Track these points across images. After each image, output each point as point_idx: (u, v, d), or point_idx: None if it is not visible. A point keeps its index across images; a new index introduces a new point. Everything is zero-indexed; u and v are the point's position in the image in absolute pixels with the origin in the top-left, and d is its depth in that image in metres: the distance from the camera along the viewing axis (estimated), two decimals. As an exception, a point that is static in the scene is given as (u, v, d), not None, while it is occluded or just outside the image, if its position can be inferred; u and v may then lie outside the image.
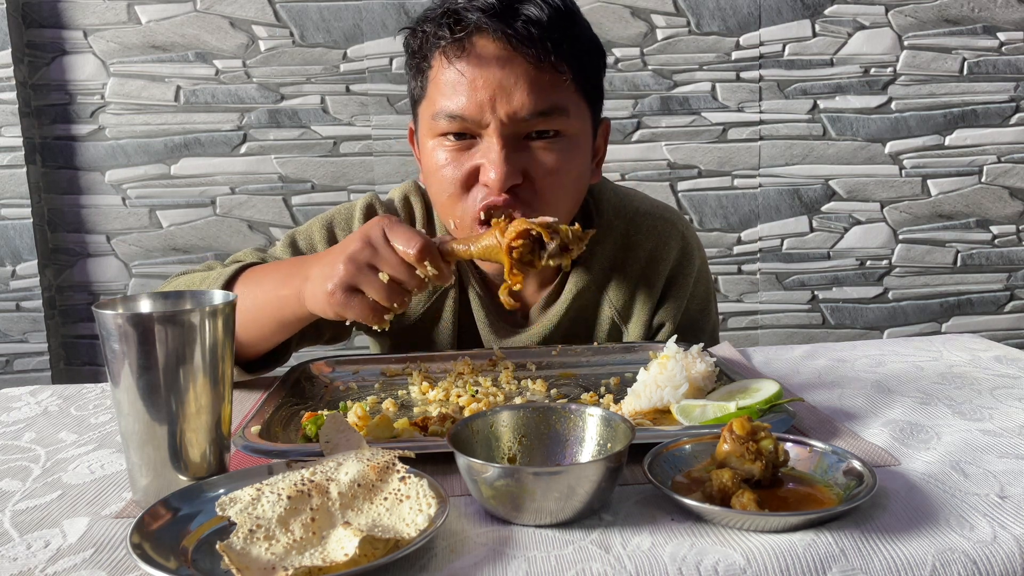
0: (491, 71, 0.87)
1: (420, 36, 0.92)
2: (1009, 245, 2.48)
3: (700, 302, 1.12)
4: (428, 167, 0.95)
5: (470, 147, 0.91)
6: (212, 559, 0.51)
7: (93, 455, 0.74)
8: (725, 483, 0.56)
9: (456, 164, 0.91)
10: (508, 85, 0.87)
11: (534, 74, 0.87)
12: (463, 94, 0.88)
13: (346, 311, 0.75)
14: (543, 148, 0.91)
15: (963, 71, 2.38)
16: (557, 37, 0.87)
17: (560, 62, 0.88)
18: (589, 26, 0.95)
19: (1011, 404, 0.80)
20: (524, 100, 0.87)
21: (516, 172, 0.89)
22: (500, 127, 0.88)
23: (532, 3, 0.87)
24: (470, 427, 0.63)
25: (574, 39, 0.90)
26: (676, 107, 2.34)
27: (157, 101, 2.26)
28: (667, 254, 1.08)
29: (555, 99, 0.89)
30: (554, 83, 0.88)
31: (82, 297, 2.34)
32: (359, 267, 0.74)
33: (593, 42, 0.95)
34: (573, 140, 0.93)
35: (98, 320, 0.59)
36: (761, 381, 0.79)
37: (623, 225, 1.08)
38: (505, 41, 0.86)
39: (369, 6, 2.25)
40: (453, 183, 0.92)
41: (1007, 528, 0.53)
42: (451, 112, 0.88)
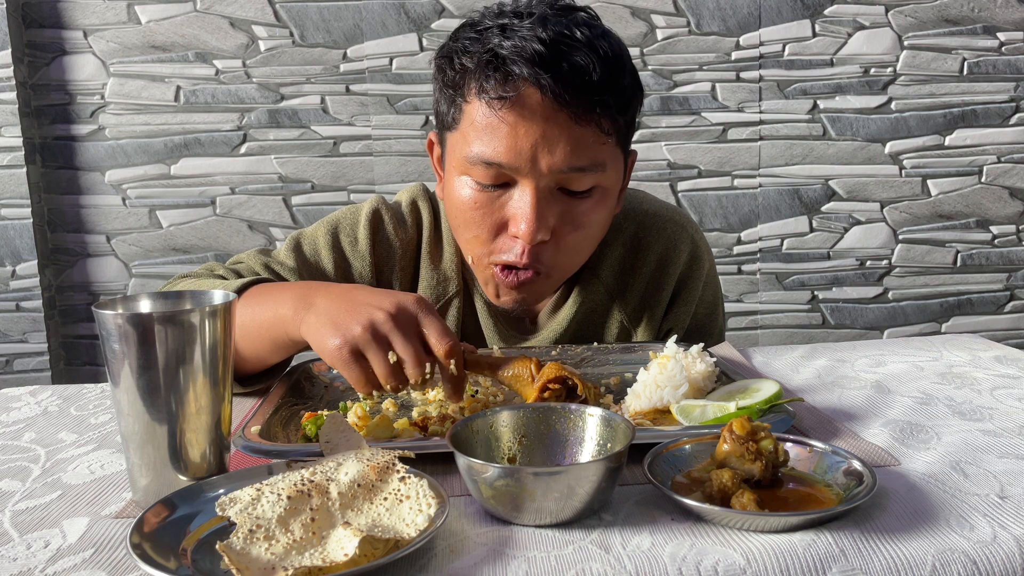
0: (534, 123, 0.83)
1: (458, 69, 0.87)
2: (1009, 245, 2.48)
3: (708, 307, 1.11)
4: (454, 200, 0.92)
5: (500, 194, 0.88)
6: (212, 559, 0.51)
7: (93, 455, 0.74)
8: (725, 483, 0.56)
9: (486, 210, 0.88)
10: (550, 139, 0.83)
11: (577, 130, 0.84)
12: (501, 143, 0.84)
13: (345, 369, 0.72)
14: (575, 204, 0.89)
15: (963, 71, 2.38)
16: (602, 93, 0.83)
17: (604, 119, 0.85)
18: (633, 67, 0.91)
19: (1011, 404, 0.80)
20: (564, 155, 0.84)
21: (547, 227, 0.87)
22: (536, 179, 0.85)
23: (579, 52, 0.82)
24: (470, 427, 0.63)
25: (619, 91, 0.86)
26: (676, 107, 2.34)
27: (157, 101, 2.26)
28: (677, 258, 1.07)
29: (595, 155, 0.86)
30: (596, 139, 0.85)
31: (82, 297, 2.34)
32: (375, 337, 0.71)
33: (636, 88, 0.91)
34: (606, 193, 0.91)
35: (98, 320, 0.59)
36: (761, 381, 0.79)
37: (633, 228, 1.07)
38: (550, 95, 0.82)
39: (369, 6, 2.25)
40: (479, 227, 0.90)
41: (1007, 528, 0.53)
42: (488, 159, 0.85)
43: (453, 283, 1.05)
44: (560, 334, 1.05)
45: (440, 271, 1.05)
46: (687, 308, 1.08)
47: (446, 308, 1.06)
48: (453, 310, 1.06)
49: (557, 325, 1.05)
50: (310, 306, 0.77)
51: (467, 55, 0.86)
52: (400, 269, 1.06)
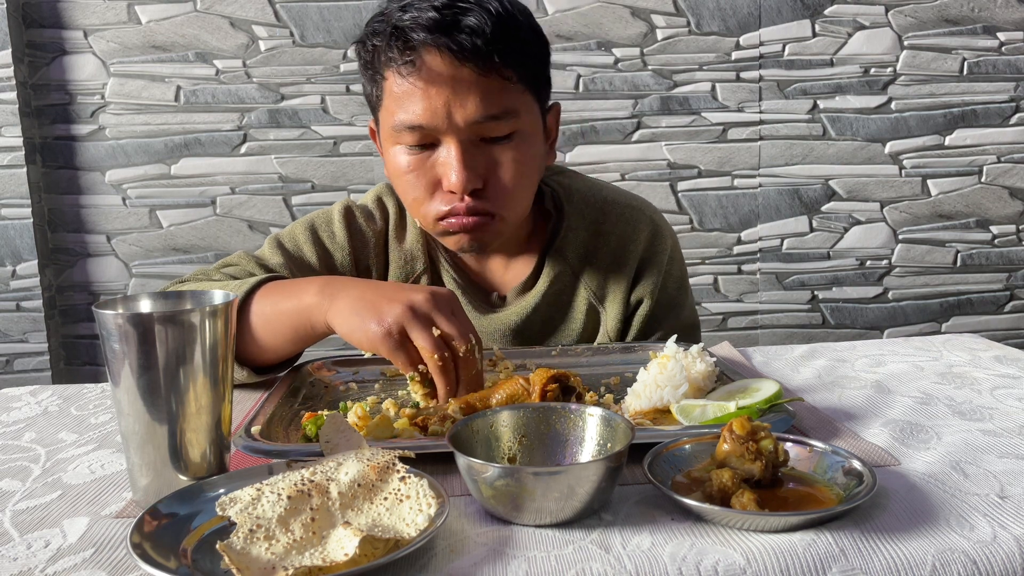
0: (441, 83, 0.90)
1: (371, 50, 0.95)
2: (1009, 245, 2.48)
3: (676, 281, 1.15)
4: (393, 170, 0.99)
5: (431, 154, 0.95)
6: (212, 559, 0.51)
7: (93, 455, 0.74)
8: (725, 483, 0.56)
9: (419, 171, 0.96)
10: (459, 94, 0.90)
11: (482, 82, 0.91)
12: (418, 106, 0.91)
13: (389, 349, 0.77)
14: (499, 150, 0.95)
15: (963, 71, 2.38)
16: (500, 45, 0.90)
17: (506, 68, 0.91)
18: (533, 22, 0.98)
19: (1011, 404, 0.80)
20: (475, 107, 0.91)
21: (476, 176, 0.94)
22: (456, 133, 0.92)
23: (473, 13, 0.89)
24: (470, 427, 0.63)
25: (517, 42, 0.93)
26: (676, 107, 2.34)
27: (157, 101, 2.26)
28: (637, 236, 1.11)
29: (505, 103, 0.92)
30: (502, 88, 0.92)
31: (82, 297, 2.34)
32: (416, 316, 0.77)
33: (537, 38, 0.98)
34: (526, 137, 0.97)
35: (98, 320, 0.59)
36: (761, 381, 0.79)
37: (592, 213, 1.12)
38: (451, 55, 0.89)
39: (369, 6, 2.25)
40: (417, 188, 0.97)
41: (1007, 528, 0.53)
42: (409, 123, 0.92)
43: (420, 261, 1.12)
44: (530, 312, 1.09)
45: (406, 251, 1.12)
46: (655, 280, 1.11)
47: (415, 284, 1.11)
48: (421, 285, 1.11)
49: (526, 304, 1.09)
50: (336, 295, 0.83)
51: (376, 36, 0.94)
52: (375, 257, 1.12)
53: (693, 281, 2.41)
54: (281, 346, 0.91)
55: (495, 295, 1.13)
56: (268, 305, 0.90)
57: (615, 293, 1.11)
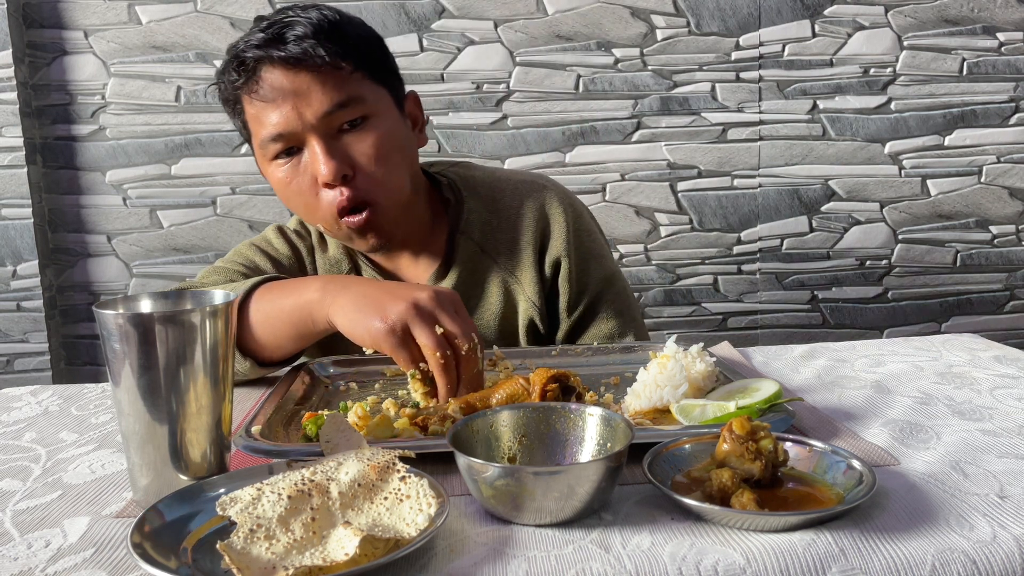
0: (285, 91, 0.96)
1: (224, 87, 1.02)
2: (1009, 245, 2.48)
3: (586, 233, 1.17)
4: (278, 189, 1.04)
5: (299, 158, 1.00)
6: (212, 559, 0.51)
7: (94, 455, 0.74)
8: (725, 483, 0.56)
9: (295, 177, 1.01)
10: (302, 95, 0.96)
11: (320, 78, 0.96)
12: (272, 117, 0.97)
13: (392, 346, 0.78)
14: (357, 135, 1.00)
15: (963, 71, 2.38)
16: (327, 44, 0.96)
17: (337, 60, 0.97)
18: (361, 23, 1.05)
19: (1011, 404, 0.80)
20: (319, 101, 0.97)
21: (343, 163, 0.98)
22: (313, 130, 0.97)
23: (296, 23, 0.97)
24: (470, 427, 0.63)
25: (342, 37, 0.98)
26: (676, 107, 2.34)
27: (158, 101, 2.26)
28: (533, 204, 1.16)
29: (346, 90, 0.98)
30: (341, 78, 0.98)
31: (83, 297, 2.34)
32: (420, 313, 0.78)
33: (367, 34, 1.04)
34: (380, 118, 1.01)
35: (99, 320, 0.59)
36: (760, 381, 0.79)
37: (488, 192, 1.17)
38: (285, 64, 0.96)
39: (369, 6, 2.25)
40: (300, 193, 1.01)
41: (1007, 528, 0.53)
42: (270, 136, 0.98)
43: (344, 263, 1.17)
44: None
45: (329, 257, 1.18)
46: (564, 238, 1.14)
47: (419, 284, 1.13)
48: None
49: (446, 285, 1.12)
50: (339, 291, 0.84)
51: (224, 73, 1.01)
52: (309, 265, 1.18)
53: (693, 281, 2.41)
54: (282, 343, 0.92)
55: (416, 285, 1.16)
56: (268, 303, 0.91)
57: (524, 261, 1.14)
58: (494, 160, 2.28)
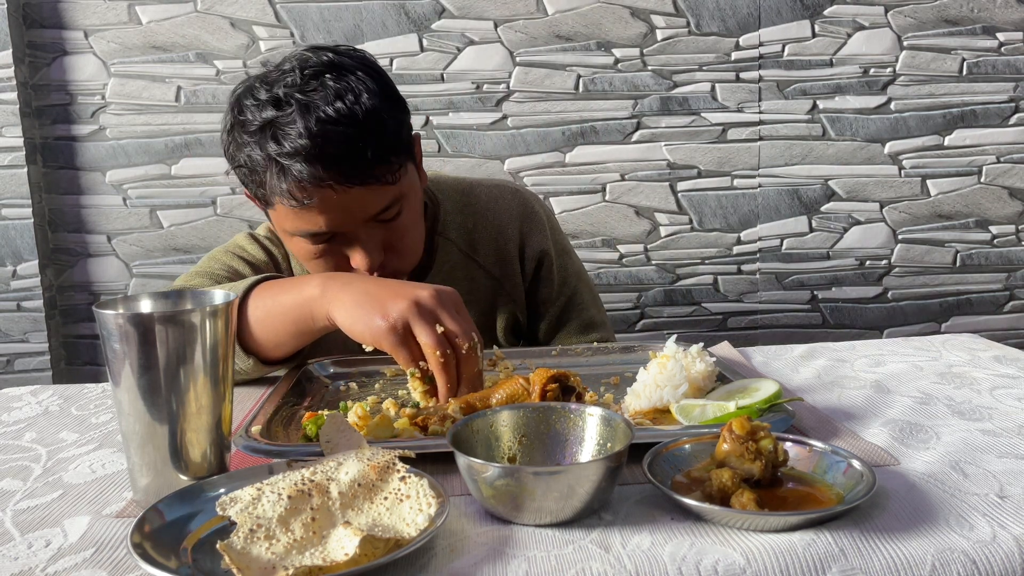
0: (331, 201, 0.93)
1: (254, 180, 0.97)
2: (1008, 245, 2.48)
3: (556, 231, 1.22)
4: (297, 253, 1.03)
5: (332, 241, 0.99)
6: (212, 559, 0.51)
7: (94, 455, 0.74)
8: (725, 483, 0.56)
9: (325, 256, 1.00)
10: (351, 204, 0.94)
11: (367, 191, 0.94)
12: (313, 218, 0.94)
13: (392, 344, 0.78)
14: (393, 225, 1.00)
15: (962, 71, 2.38)
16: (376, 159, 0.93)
17: (386, 173, 0.95)
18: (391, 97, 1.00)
19: (1010, 404, 0.80)
20: (367, 207, 0.96)
21: (379, 254, 0.99)
22: (355, 229, 0.97)
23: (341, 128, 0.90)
24: (470, 427, 0.63)
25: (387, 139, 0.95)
26: (676, 107, 2.34)
27: (158, 101, 2.26)
28: (508, 204, 1.19)
29: (392, 194, 0.97)
30: (387, 185, 0.96)
31: (83, 297, 2.34)
32: (421, 312, 0.77)
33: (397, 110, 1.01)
34: (409, 202, 1.01)
35: (99, 320, 0.59)
36: (760, 381, 0.79)
37: (461, 198, 1.19)
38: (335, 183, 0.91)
39: (369, 6, 2.25)
40: (326, 268, 1.00)
41: (1007, 528, 0.54)
42: (309, 231, 0.96)
43: None
44: None
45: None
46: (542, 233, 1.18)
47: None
48: None
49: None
50: (340, 288, 0.84)
51: (252, 161, 0.95)
52: (286, 271, 1.18)
53: (693, 281, 2.41)
54: (282, 341, 0.91)
55: None
56: (268, 300, 0.90)
57: (505, 259, 1.16)
58: (494, 160, 2.28)
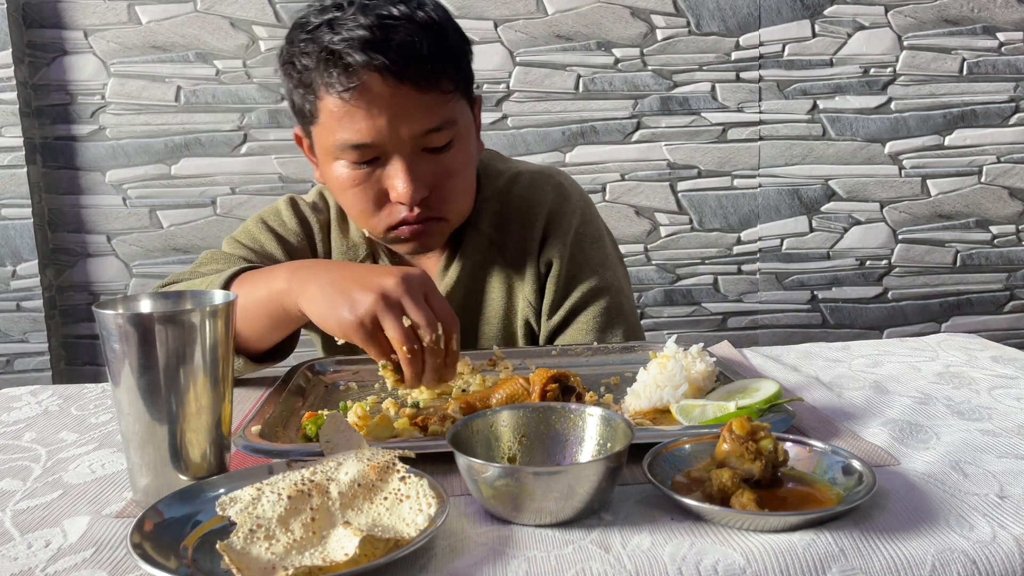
0: (383, 102, 0.90)
1: (301, 69, 0.94)
2: (1009, 245, 2.48)
3: (592, 239, 1.13)
4: (335, 184, 1.00)
5: (374, 168, 0.96)
6: (212, 559, 0.51)
7: (94, 455, 0.74)
8: (725, 483, 0.56)
9: (365, 185, 0.97)
10: (401, 112, 0.91)
11: (422, 97, 0.92)
12: (361, 125, 0.92)
13: (361, 339, 0.76)
14: (442, 158, 0.97)
15: (963, 71, 2.38)
16: (435, 60, 0.91)
17: (443, 79, 0.93)
18: (455, 25, 0.98)
19: (1009, 404, 0.80)
20: (418, 122, 0.92)
21: (423, 186, 0.95)
22: (401, 148, 0.93)
23: (403, 28, 0.89)
24: (470, 427, 0.63)
25: (450, 51, 0.94)
26: (676, 107, 2.34)
27: (157, 101, 2.26)
28: (543, 198, 1.13)
29: (444, 114, 0.94)
30: (441, 100, 0.94)
31: (82, 297, 2.34)
32: (388, 303, 0.75)
33: (462, 40, 0.99)
34: (464, 141, 0.99)
35: (98, 320, 0.59)
36: (760, 381, 0.79)
37: (503, 183, 1.14)
38: (391, 75, 0.89)
39: (369, 6, 2.25)
40: (364, 201, 0.98)
41: (1007, 528, 0.53)
42: (353, 143, 0.93)
43: (362, 248, 1.15)
44: (451, 287, 1.11)
45: (349, 239, 1.15)
46: (562, 240, 1.11)
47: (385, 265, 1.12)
48: None
49: (448, 280, 1.11)
50: (308, 279, 0.82)
51: (305, 55, 0.93)
52: (321, 243, 1.15)
53: (693, 281, 2.41)
54: (261, 334, 0.90)
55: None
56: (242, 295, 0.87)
57: (526, 259, 1.12)
58: (494, 160, 2.28)
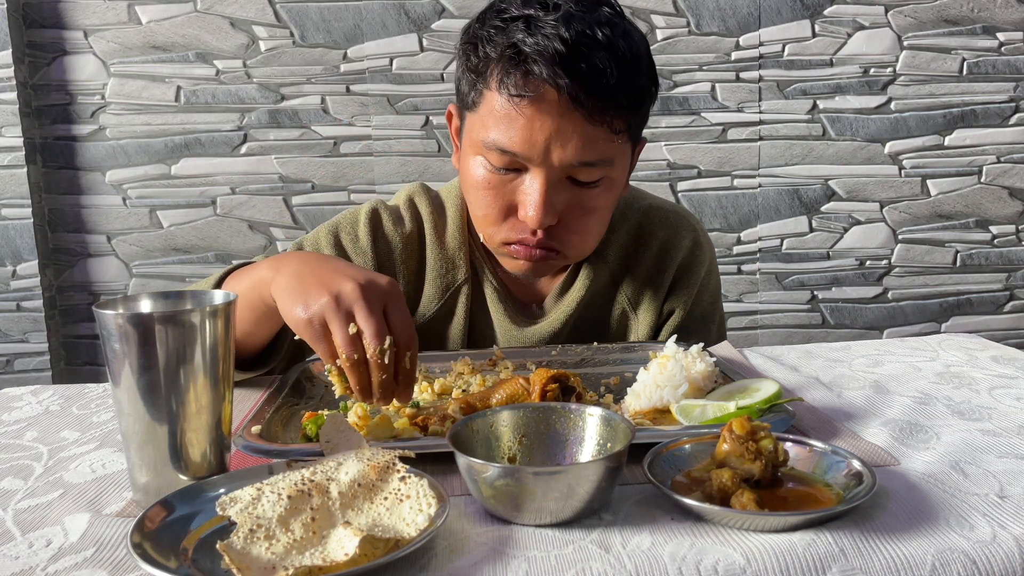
0: (548, 119, 0.86)
1: (481, 56, 0.89)
2: (1009, 245, 2.48)
3: (712, 295, 1.14)
4: (467, 178, 0.96)
5: (513, 178, 0.92)
6: (212, 559, 0.51)
7: (95, 454, 0.74)
8: (725, 483, 0.56)
9: (497, 191, 0.92)
10: (563, 134, 0.87)
11: (590, 128, 0.87)
12: (517, 134, 0.87)
13: (308, 338, 0.71)
14: (583, 194, 0.92)
15: (963, 71, 2.38)
16: (618, 96, 0.86)
17: (617, 117, 0.88)
18: (650, 63, 0.94)
19: (1009, 404, 0.80)
20: (576, 151, 0.88)
21: (553, 214, 0.91)
22: (547, 169, 0.89)
23: (599, 54, 0.84)
24: (470, 427, 0.63)
25: (635, 93, 0.89)
26: (676, 107, 2.34)
27: (157, 101, 2.26)
28: (679, 243, 1.10)
29: (604, 151, 0.90)
30: (607, 137, 0.89)
31: (82, 297, 2.34)
32: (339, 307, 0.70)
33: (651, 82, 0.94)
34: (612, 184, 0.94)
35: (98, 320, 0.59)
36: (760, 381, 0.79)
37: (636, 217, 1.11)
38: (567, 96, 0.85)
39: (369, 6, 2.25)
40: (491, 208, 0.94)
41: (1007, 528, 0.53)
42: (503, 147, 0.89)
43: (462, 271, 1.07)
44: (567, 316, 1.07)
45: (448, 256, 1.07)
46: (689, 292, 1.10)
47: (455, 295, 1.08)
48: (462, 297, 1.07)
49: (565, 307, 1.07)
50: (281, 269, 0.78)
51: (491, 44, 0.88)
52: (402, 263, 1.08)
53: (693, 281, 2.41)
54: (248, 331, 0.87)
55: (534, 306, 1.10)
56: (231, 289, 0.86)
57: (649, 300, 1.09)
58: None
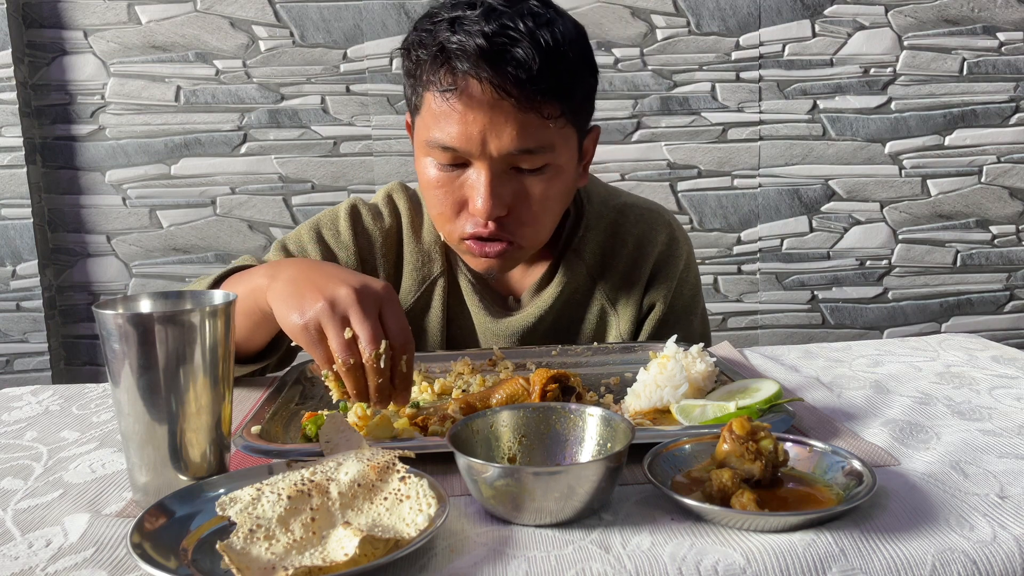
0: (479, 111, 0.88)
1: (414, 61, 0.93)
2: (1009, 245, 2.48)
3: (691, 288, 1.15)
4: (422, 179, 0.99)
5: (460, 173, 0.94)
6: (212, 559, 0.51)
7: (94, 454, 0.74)
8: (725, 483, 0.56)
9: (447, 189, 0.95)
10: (496, 125, 0.89)
11: (520, 116, 0.89)
12: (453, 129, 0.90)
13: (304, 344, 0.72)
14: (529, 181, 0.94)
15: (963, 71, 2.38)
16: (544, 83, 0.88)
17: (547, 104, 0.89)
18: (584, 51, 0.94)
19: (1010, 404, 0.80)
20: (511, 139, 0.89)
21: (502, 204, 0.93)
22: (488, 161, 0.91)
23: (521, 45, 0.86)
24: (470, 427, 0.63)
25: (564, 78, 0.90)
26: (676, 107, 2.34)
27: (157, 101, 2.26)
28: (654, 238, 1.11)
29: (541, 138, 0.91)
30: (540, 123, 0.90)
31: (82, 297, 2.34)
32: (334, 311, 0.70)
33: (587, 68, 0.95)
34: (558, 170, 0.95)
35: (98, 320, 0.59)
36: (760, 381, 0.79)
37: (611, 215, 1.12)
38: (492, 87, 0.87)
39: (369, 6, 2.25)
40: (444, 204, 0.96)
41: (1007, 528, 0.53)
42: (442, 144, 0.92)
43: (437, 264, 1.10)
44: (544, 311, 1.08)
45: (424, 251, 1.11)
46: (668, 285, 1.11)
47: (431, 288, 1.10)
48: (438, 289, 1.10)
49: (541, 303, 1.08)
50: (278, 275, 0.79)
51: (422, 47, 0.91)
52: (382, 256, 1.11)
53: (693, 281, 2.41)
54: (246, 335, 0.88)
55: (511, 298, 1.12)
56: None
57: (628, 296, 1.10)
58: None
